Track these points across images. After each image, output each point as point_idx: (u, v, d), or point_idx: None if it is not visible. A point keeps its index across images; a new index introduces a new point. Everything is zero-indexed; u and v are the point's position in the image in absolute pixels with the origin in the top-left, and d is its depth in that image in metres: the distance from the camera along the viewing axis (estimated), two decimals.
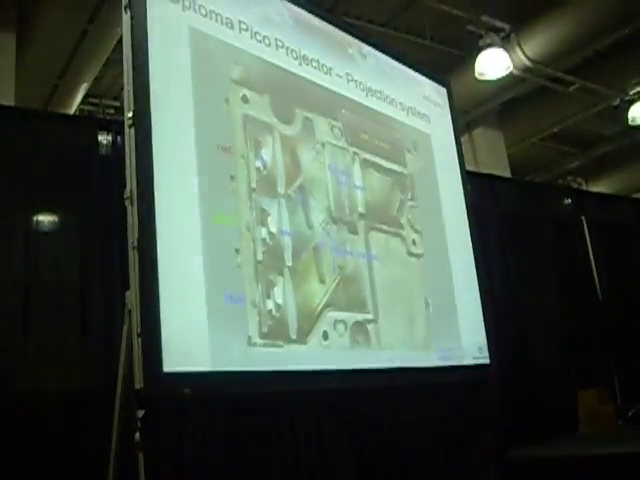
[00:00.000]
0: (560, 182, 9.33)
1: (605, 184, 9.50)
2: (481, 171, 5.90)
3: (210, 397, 2.50)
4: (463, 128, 6.71)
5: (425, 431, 3.48)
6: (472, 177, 4.25)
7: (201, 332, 2.21)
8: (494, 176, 5.33)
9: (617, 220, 5.69)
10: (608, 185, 9.48)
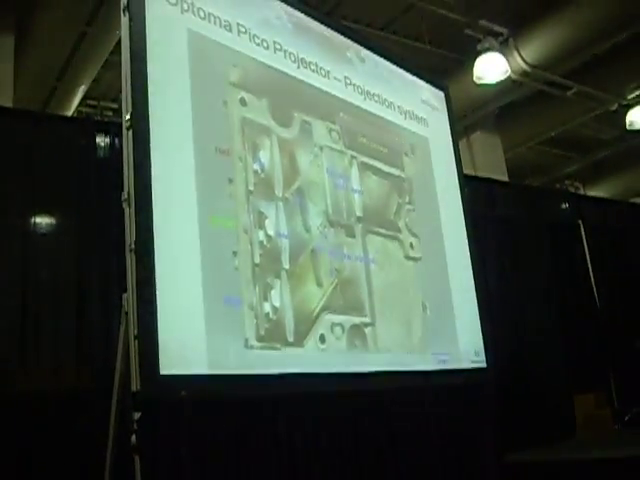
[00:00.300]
0: (558, 186, 9.34)
1: (603, 188, 9.51)
2: (479, 175, 5.92)
3: (207, 400, 2.49)
4: (461, 132, 6.71)
5: (422, 435, 3.48)
6: (470, 181, 4.25)
7: (198, 335, 2.21)
8: (492, 180, 5.34)
9: (614, 224, 5.70)
10: (606, 189, 9.49)
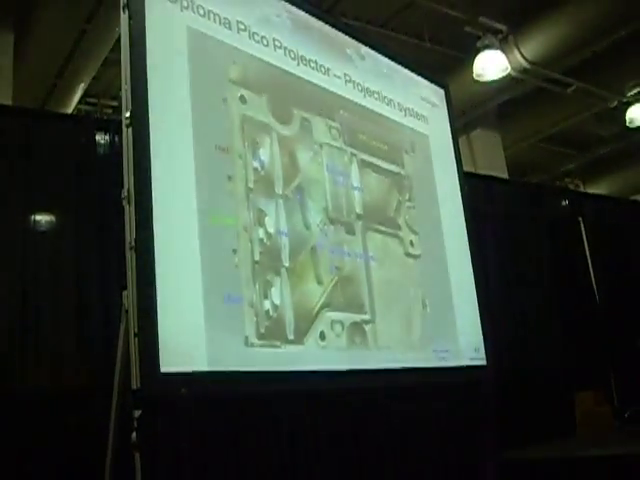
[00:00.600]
0: (558, 183, 9.34)
1: (603, 186, 9.51)
2: (479, 172, 5.91)
3: (207, 397, 2.49)
4: (461, 129, 6.70)
5: (422, 432, 3.48)
6: (470, 178, 4.25)
7: (198, 332, 2.21)
8: (492, 177, 5.34)
9: (615, 222, 5.70)
10: (606, 187, 9.49)
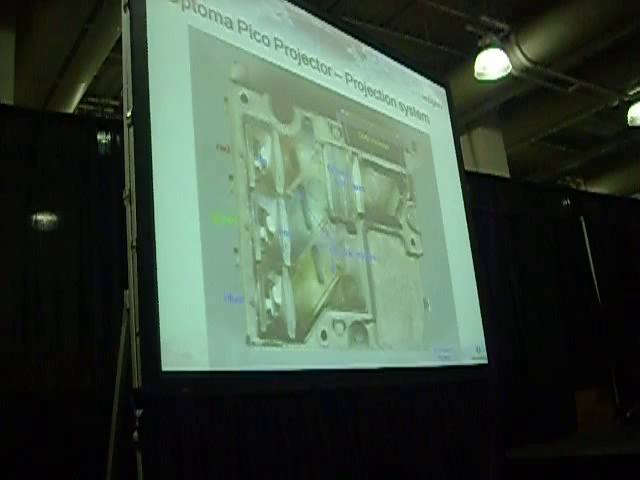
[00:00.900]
0: (559, 182, 9.34)
1: (604, 185, 9.51)
2: (480, 171, 5.90)
3: (208, 396, 2.49)
4: (462, 128, 6.70)
5: (424, 431, 3.48)
6: (471, 177, 4.25)
7: (200, 332, 2.21)
8: (493, 176, 5.34)
9: (616, 221, 5.69)
10: (607, 186, 9.49)
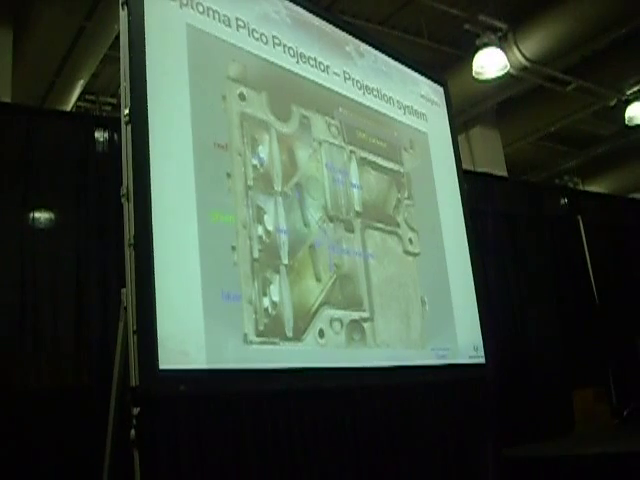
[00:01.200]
0: (556, 182, 9.34)
1: (601, 184, 9.51)
2: (478, 170, 5.92)
3: (206, 395, 2.49)
4: (460, 127, 6.71)
5: (421, 430, 3.49)
6: (469, 176, 4.25)
7: (197, 330, 2.21)
8: (491, 175, 5.34)
9: (613, 220, 5.71)
10: (604, 185, 9.49)
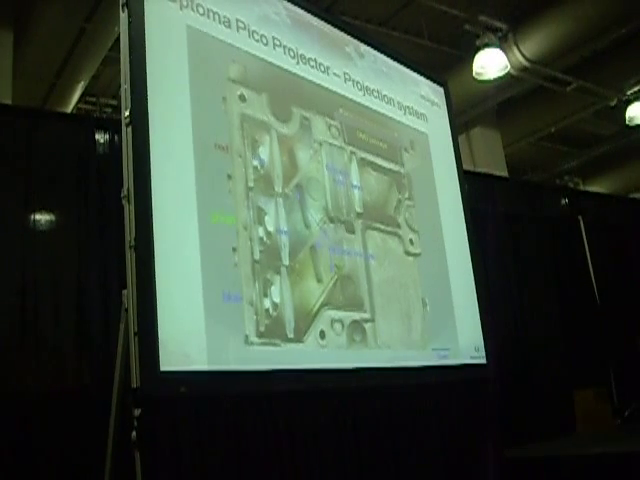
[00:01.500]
0: (557, 182, 9.33)
1: (602, 184, 9.51)
2: (478, 170, 5.91)
3: (207, 396, 2.49)
4: (460, 127, 6.70)
5: (422, 430, 3.48)
6: (469, 176, 4.25)
7: (198, 331, 2.21)
8: (491, 176, 5.34)
9: (614, 220, 5.70)
10: (605, 185, 9.49)
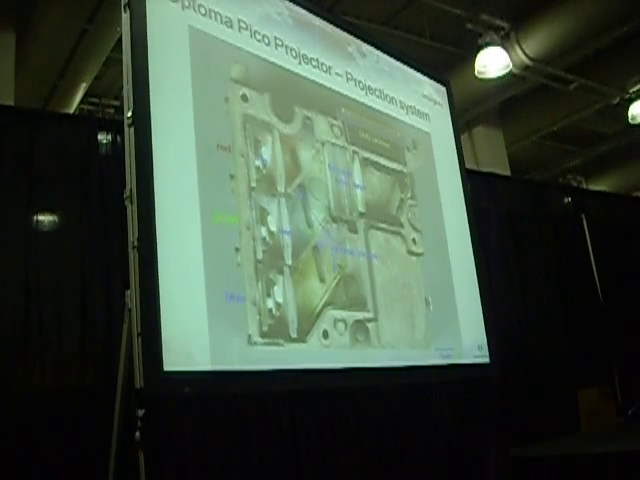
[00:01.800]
0: (560, 180, 9.32)
1: (605, 182, 9.50)
2: (481, 170, 5.90)
3: (210, 396, 2.49)
4: (463, 127, 6.71)
5: (425, 430, 3.48)
6: (472, 176, 4.25)
7: (201, 331, 2.21)
8: (494, 175, 5.33)
9: (617, 219, 5.69)
10: (608, 184, 9.47)
